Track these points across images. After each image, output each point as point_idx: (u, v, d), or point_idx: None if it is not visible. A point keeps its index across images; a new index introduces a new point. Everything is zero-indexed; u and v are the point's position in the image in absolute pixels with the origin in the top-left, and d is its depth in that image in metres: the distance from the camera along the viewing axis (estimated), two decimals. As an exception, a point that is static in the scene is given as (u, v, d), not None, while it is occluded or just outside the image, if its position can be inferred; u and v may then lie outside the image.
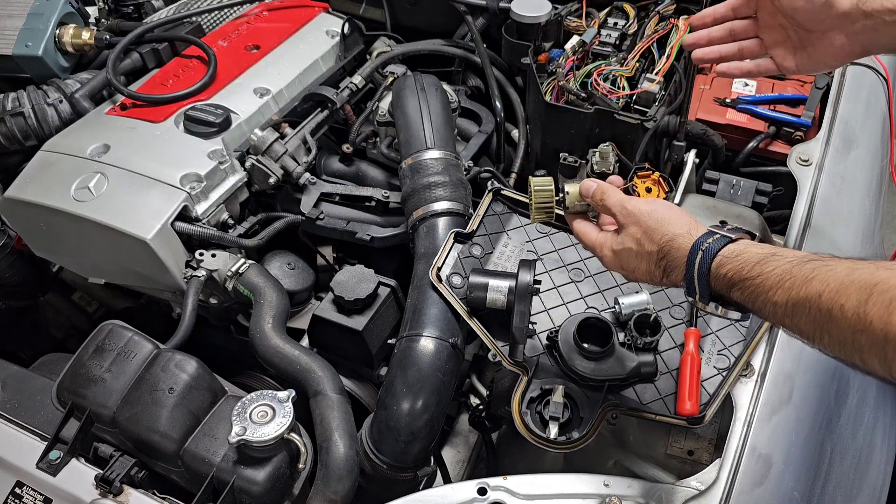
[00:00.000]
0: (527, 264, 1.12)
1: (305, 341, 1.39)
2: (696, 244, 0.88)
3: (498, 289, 1.15)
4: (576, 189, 1.05)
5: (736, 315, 0.87)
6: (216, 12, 1.81)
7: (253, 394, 1.06)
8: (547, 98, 1.52)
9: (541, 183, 1.07)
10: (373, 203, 1.49)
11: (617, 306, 1.16)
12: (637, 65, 1.55)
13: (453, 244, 1.26)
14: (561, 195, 1.06)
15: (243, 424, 1.01)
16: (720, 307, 0.87)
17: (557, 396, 1.09)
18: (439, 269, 1.22)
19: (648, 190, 1.00)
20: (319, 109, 1.60)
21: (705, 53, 1.17)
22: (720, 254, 0.85)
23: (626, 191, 1.02)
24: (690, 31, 1.20)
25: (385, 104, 1.57)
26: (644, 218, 0.94)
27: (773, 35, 1.12)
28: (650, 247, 0.93)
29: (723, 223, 1.29)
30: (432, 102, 1.46)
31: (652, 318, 1.12)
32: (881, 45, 1.03)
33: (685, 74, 1.50)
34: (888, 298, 0.65)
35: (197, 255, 1.36)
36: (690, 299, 0.89)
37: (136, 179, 1.35)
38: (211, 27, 1.79)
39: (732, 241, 0.86)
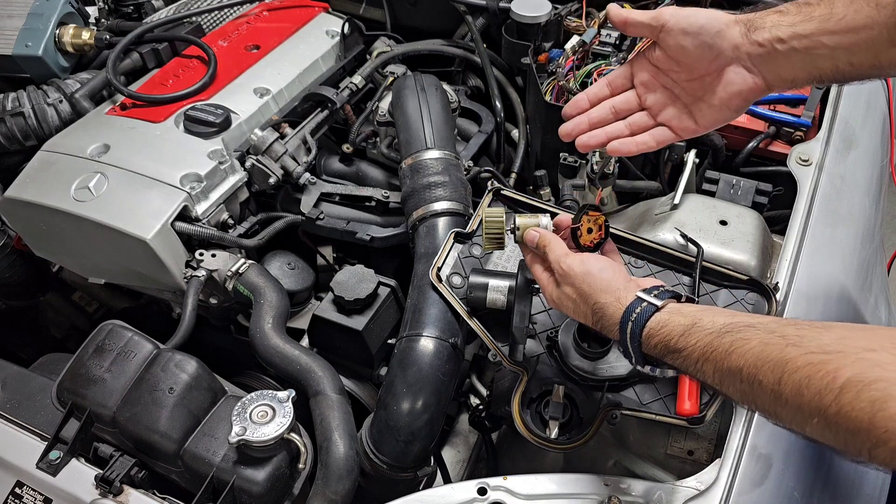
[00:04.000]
0: (526, 265, 1.12)
1: (305, 341, 1.39)
2: (625, 315, 0.90)
3: (498, 289, 1.15)
4: (526, 223, 1.07)
5: (672, 373, 0.91)
6: (216, 12, 1.81)
7: (253, 394, 1.06)
8: (547, 98, 1.52)
9: (492, 213, 1.08)
10: (373, 203, 1.49)
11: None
12: (637, 65, 1.55)
13: (453, 244, 1.26)
14: (512, 226, 1.07)
15: (243, 424, 1.01)
16: (657, 369, 0.90)
17: (557, 396, 1.09)
18: (439, 269, 1.22)
19: (589, 231, 1.04)
20: (319, 109, 1.60)
21: (590, 138, 1.05)
22: (647, 326, 0.87)
23: (573, 231, 1.04)
24: (563, 122, 1.07)
25: (385, 104, 1.57)
26: (577, 282, 0.96)
27: (659, 100, 1.03)
28: (584, 308, 0.96)
29: (723, 223, 1.31)
30: (432, 102, 1.46)
31: None
32: (782, 77, 0.95)
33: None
34: (797, 380, 0.68)
35: (197, 255, 1.36)
36: (627, 360, 0.92)
37: (136, 179, 1.35)
38: (211, 27, 1.79)
39: (658, 309, 0.88)
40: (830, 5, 0.91)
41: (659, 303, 0.88)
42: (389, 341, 1.33)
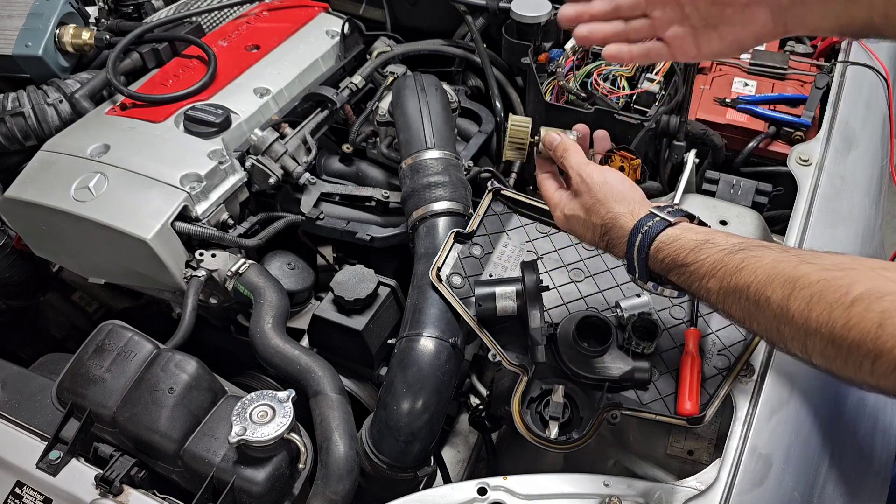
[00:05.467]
0: (529, 266, 1.11)
1: (305, 341, 1.39)
2: (636, 227, 0.90)
3: (506, 295, 1.13)
4: (549, 130, 1.08)
5: (673, 293, 0.92)
6: (216, 12, 1.81)
7: (253, 394, 1.06)
8: (547, 98, 1.52)
9: (519, 121, 1.09)
10: (373, 203, 1.49)
11: (618, 310, 1.15)
12: (637, 65, 1.55)
13: (453, 244, 1.26)
14: (536, 137, 1.07)
15: (243, 424, 1.01)
16: (658, 286, 0.90)
17: (557, 396, 1.09)
18: (439, 268, 1.22)
19: (621, 169, 1.04)
20: (319, 109, 1.60)
21: (591, 31, 0.99)
22: (658, 238, 0.87)
23: (604, 160, 1.04)
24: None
25: (385, 104, 1.57)
26: (595, 189, 0.96)
27: (667, 15, 0.95)
28: (595, 219, 0.95)
29: (723, 223, 1.31)
30: (432, 102, 1.46)
31: (650, 323, 1.11)
32: (807, 24, 0.89)
33: (685, 74, 1.50)
34: (808, 294, 0.68)
35: (197, 255, 1.36)
36: (630, 276, 0.91)
37: (135, 179, 1.35)
38: (211, 27, 1.79)
39: (671, 224, 0.88)
40: None
41: (672, 219, 0.88)
42: (389, 341, 1.33)
